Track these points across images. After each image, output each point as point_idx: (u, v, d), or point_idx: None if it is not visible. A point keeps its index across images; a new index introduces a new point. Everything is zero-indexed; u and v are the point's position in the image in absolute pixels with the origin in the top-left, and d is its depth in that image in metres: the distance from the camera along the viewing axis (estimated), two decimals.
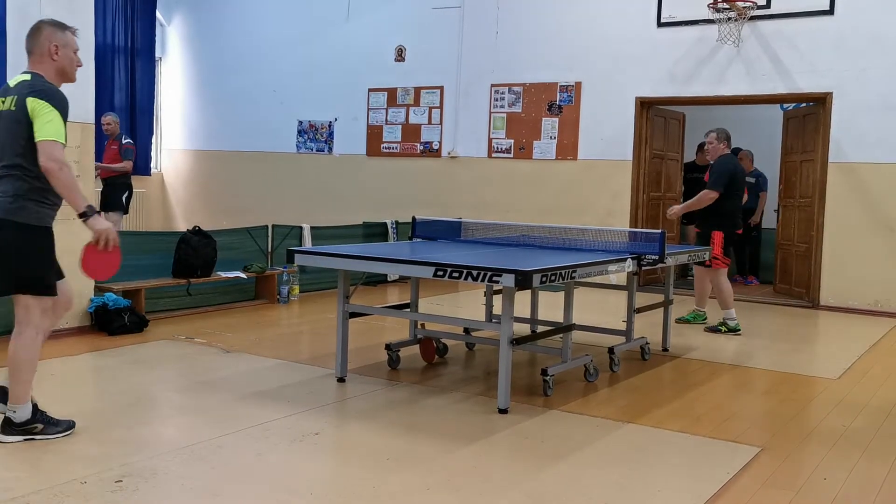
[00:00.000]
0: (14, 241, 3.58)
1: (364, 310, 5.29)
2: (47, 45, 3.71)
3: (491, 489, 3.38)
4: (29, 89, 3.59)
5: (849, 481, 3.65)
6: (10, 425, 3.71)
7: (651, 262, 5.31)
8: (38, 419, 3.75)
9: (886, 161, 8.39)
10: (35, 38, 3.73)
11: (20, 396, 3.69)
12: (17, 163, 3.58)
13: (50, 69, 3.73)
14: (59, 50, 3.73)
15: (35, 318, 3.65)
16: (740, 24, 8.78)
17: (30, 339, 3.66)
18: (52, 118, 3.53)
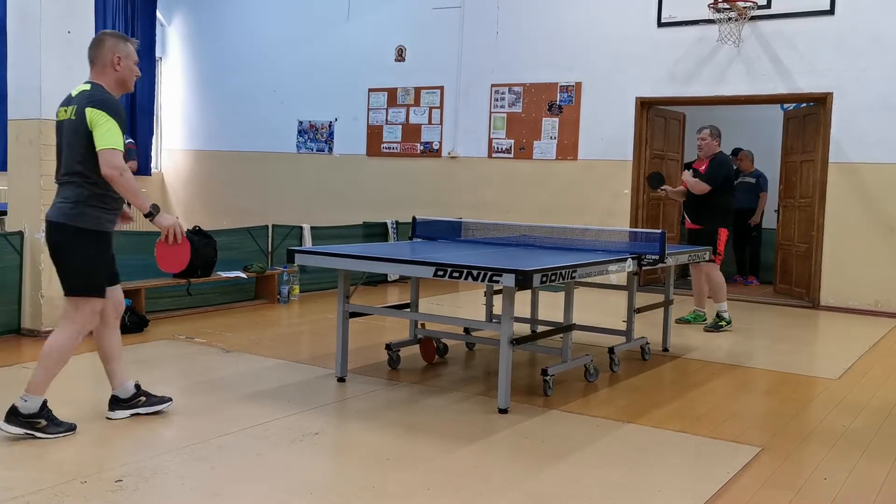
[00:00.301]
0: (72, 245, 3.76)
1: (364, 310, 5.29)
2: (110, 56, 3.85)
3: (491, 489, 3.38)
4: (88, 100, 3.75)
5: (849, 481, 3.65)
6: (15, 415, 3.74)
7: (651, 262, 5.30)
8: (43, 415, 3.78)
9: (886, 161, 8.39)
10: (98, 49, 3.87)
11: (38, 388, 3.77)
12: (77, 170, 3.74)
13: (111, 79, 3.88)
14: (122, 61, 3.88)
15: (81, 318, 3.79)
16: (740, 24, 8.78)
17: (68, 337, 3.78)
18: (110, 127, 3.69)
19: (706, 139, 7.25)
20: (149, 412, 4.13)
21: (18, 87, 6.05)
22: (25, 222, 6.03)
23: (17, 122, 6.08)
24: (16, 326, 6.05)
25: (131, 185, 3.70)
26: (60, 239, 3.78)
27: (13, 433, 3.72)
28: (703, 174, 7.22)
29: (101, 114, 3.69)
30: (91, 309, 3.81)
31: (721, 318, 7.15)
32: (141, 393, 4.16)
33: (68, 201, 3.75)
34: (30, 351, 5.63)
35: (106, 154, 3.65)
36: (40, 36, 5.90)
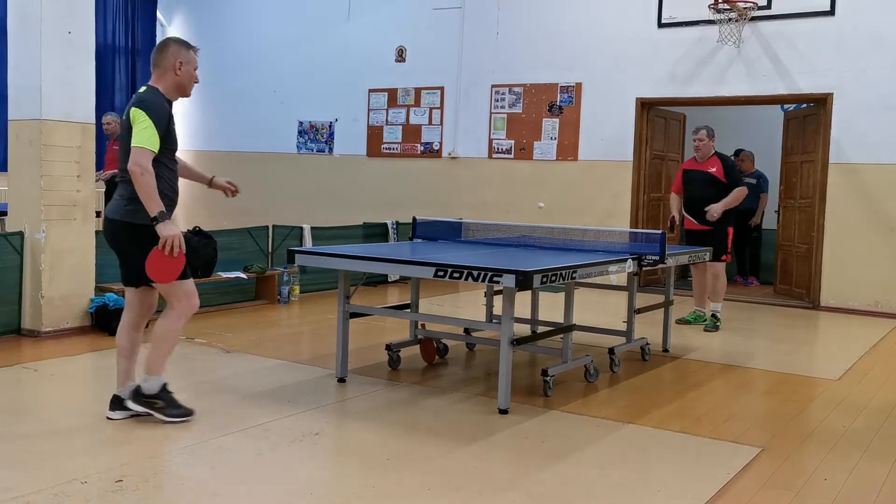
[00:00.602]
0: (131, 240, 3.91)
1: (364, 310, 5.29)
2: (173, 60, 4.01)
3: (491, 489, 3.38)
4: (135, 100, 3.92)
5: (849, 482, 3.65)
6: (137, 394, 3.97)
7: (651, 263, 5.31)
8: (162, 396, 3.97)
9: (887, 162, 8.40)
10: (162, 53, 4.04)
11: (155, 367, 3.98)
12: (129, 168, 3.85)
13: (170, 83, 4.03)
14: (183, 66, 4.03)
15: (177, 301, 3.99)
16: (741, 24, 8.78)
17: (172, 320, 4.01)
18: (146, 126, 3.80)
19: (703, 139, 7.23)
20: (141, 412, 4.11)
21: (19, 88, 6.06)
22: (26, 222, 6.03)
23: (17, 123, 6.08)
24: (16, 327, 6.05)
25: (146, 187, 3.77)
26: (117, 234, 3.96)
27: (136, 411, 3.96)
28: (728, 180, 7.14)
29: (141, 113, 3.82)
30: (184, 292, 4.00)
31: (717, 318, 7.19)
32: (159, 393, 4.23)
33: (123, 198, 3.92)
34: (30, 351, 5.64)
35: (135, 151, 3.77)
36: (41, 36, 5.90)
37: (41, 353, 5.55)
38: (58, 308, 6.07)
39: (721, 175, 7.19)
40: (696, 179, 7.31)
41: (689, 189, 7.37)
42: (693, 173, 7.35)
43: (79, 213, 6.18)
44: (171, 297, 4.01)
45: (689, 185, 7.37)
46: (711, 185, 7.21)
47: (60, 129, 6.03)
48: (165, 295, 4.02)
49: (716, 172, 7.19)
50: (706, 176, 7.22)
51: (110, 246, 4.08)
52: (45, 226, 5.97)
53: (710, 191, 7.20)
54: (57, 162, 6.02)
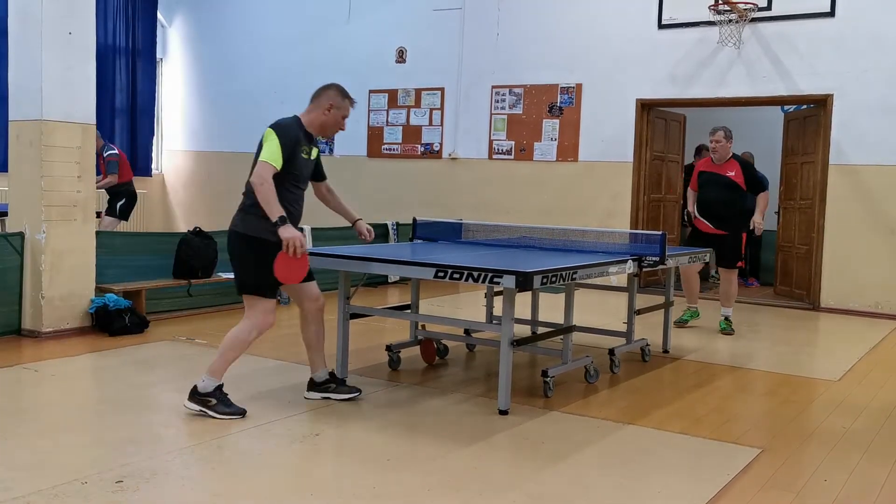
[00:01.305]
0: (237, 249, 4.22)
1: (365, 311, 5.29)
2: (326, 101, 4.31)
3: (491, 490, 3.38)
4: (272, 123, 4.22)
5: (849, 483, 3.65)
6: (194, 392, 4.15)
7: (652, 264, 5.31)
8: (215, 395, 4.14)
9: (887, 163, 8.40)
10: (321, 92, 4.36)
11: (215, 370, 4.17)
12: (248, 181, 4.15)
13: (316, 120, 4.34)
14: (332, 109, 4.32)
15: (253, 315, 4.19)
16: (741, 25, 8.79)
17: (244, 331, 4.19)
18: (274, 145, 4.08)
19: (721, 141, 7.00)
20: (339, 398, 4.53)
21: (19, 88, 6.06)
22: (26, 223, 6.03)
23: (17, 123, 6.09)
24: (16, 327, 6.06)
25: (266, 195, 4.01)
26: (230, 241, 4.27)
27: (191, 409, 4.13)
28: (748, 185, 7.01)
29: (273, 133, 4.11)
30: (262, 308, 4.19)
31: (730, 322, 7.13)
32: (332, 380, 4.59)
33: (239, 209, 4.24)
34: (30, 351, 5.64)
35: (259, 165, 4.05)
36: (41, 36, 5.91)
37: (41, 354, 5.55)
38: (58, 308, 6.07)
39: (741, 180, 7.00)
40: (713, 182, 7.09)
41: (704, 191, 7.14)
42: (710, 175, 7.14)
43: (79, 213, 6.18)
44: (251, 309, 4.19)
45: (706, 187, 7.15)
46: (730, 189, 7.02)
47: (61, 130, 6.03)
48: (246, 306, 4.21)
49: (735, 177, 6.99)
50: (725, 180, 7.01)
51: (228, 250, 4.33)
52: (46, 226, 5.98)
53: (727, 195, 7.02)
54: (57, 162, 6.02)
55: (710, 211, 7.14)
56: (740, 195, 7.06)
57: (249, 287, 4.19)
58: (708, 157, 7.33)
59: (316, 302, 4.53)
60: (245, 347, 4.24)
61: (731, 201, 7.04)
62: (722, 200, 7.06)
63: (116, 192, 9.54)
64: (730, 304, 7.18)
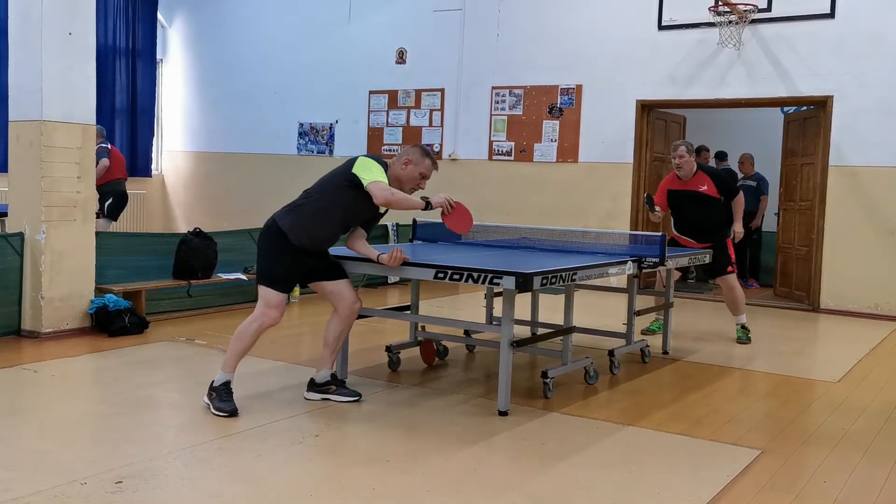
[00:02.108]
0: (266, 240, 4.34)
1: (364, 311, 5.27)
2: (405, 157, 4.45)
3: (491, 491, 3.38)
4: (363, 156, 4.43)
5: (849, 484, 3.65)
6: (211, 388, 4.26)
7: (651, 265, 5.31)
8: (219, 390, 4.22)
9: (886, 164, 8.40)
10: (404, 149, 4.54)
11: (226, 364, 4.28)
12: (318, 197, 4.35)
13: (394, 171, 4.42)
14: (409, 165, 4.44)
15: (259, 306, 4.27)
16: (741, 27, 8.79)
17: (247, 321, 4.29)
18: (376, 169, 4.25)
19: (685, 156, 6.65)
20: (339, 400, 4.54)
21: (19, 89, 6.06)
22: (26, 223, 6.03)
23: (17, 124, 6.09)
24: (16, 328, 6.05)
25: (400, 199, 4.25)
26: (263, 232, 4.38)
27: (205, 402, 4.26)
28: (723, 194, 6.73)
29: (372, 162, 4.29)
30: (267, 300, 4.26)
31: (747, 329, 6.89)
32: (333, 382, 4.61)
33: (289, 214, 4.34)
34: (30, 352, 5.64)
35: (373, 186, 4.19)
36: (41, 37, 5.91)
37: (41, 354, 5.55)
38: (58, 309, 6.07)
39: (714, 192, 6.72)
40: (686, 199, 6.77)
41: (680, 211, 6.85)
42: (680, 194, 6.79)
43: (79, 214, 6.18)
44: (259, 301, 4.30)
45: (680, 207, 6.85)
46: (705, 203, 6.73)
47: (61, 130, 6.03)
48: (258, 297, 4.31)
49: (707, 190, 6.71)
50: (697, 195, 6.71)
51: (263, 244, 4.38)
52: (46, 227, 5.98)
53: (704, 211, 6.73)
54: (57, 163, 6.02)
55: (691, 227, 6.82)
56: (717, 206, 6.77)
57: (262, 277, 4.31)
58: (672, 174, 6.90)
59: (352, 304, 4.55)
60: (248, 339, 4.28)
61: (709, 215, 6.74)
62: (700, 216, 6.75)
63: (103, 191, 9.50)
64: (739, 310, 6.88)
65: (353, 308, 4.56)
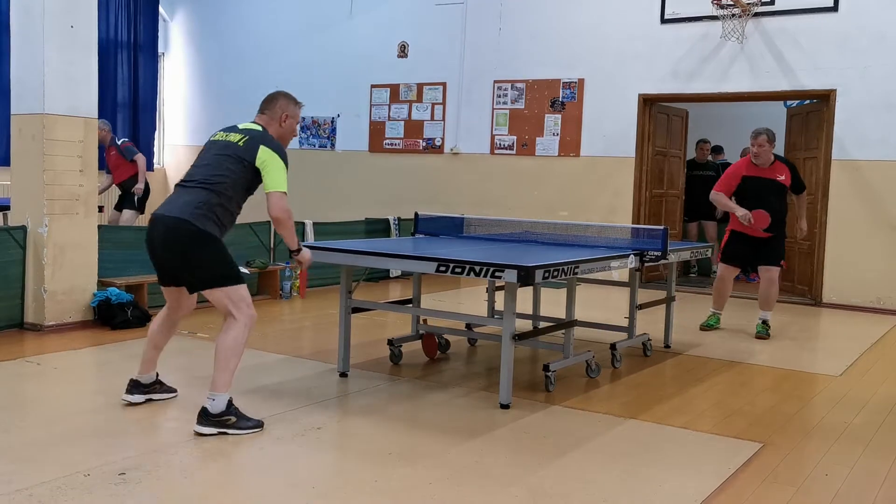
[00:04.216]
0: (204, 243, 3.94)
1: (366, 305, 5.29)
2: (280, 112, 4.18)
3: (492, 484, 3.39)
4: (261, 139, 4.02)
5: (850, 477, 3.65)
6: (205, 416, 3.84)
7: (653, 259, 5.31)
8: (231, 412, 3.88)
9: (889, 159, 8.39)
10: (271, 104, 4.21)
11: (223, 385, 3.87)
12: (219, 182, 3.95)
13: (274, 131, 4.16)
14: (288, 119, 4.20)
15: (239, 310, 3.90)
16: (744, 20, 8.77)
17: (237, 331, 3.90)
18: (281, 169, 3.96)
19: (764, 145, 6.64)
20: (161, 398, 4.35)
21: (21, 82, 6.06)
22: (28, 217, 6.04)
23: (19, 117, 6.09)
24: (18, 321, 6.06)
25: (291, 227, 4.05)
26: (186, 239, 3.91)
27: (206, 433, 3.80)
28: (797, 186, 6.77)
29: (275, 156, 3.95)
30: (244, 299, 3.94)
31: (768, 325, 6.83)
32: (158, 382, 4.39)
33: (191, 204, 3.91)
34: (32, 345, 5.65)
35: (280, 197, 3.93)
36: (43, 30, 5.91)
37: (44, 347, 5.56)
38: (60, 302, 6.08)
39: (789, 182, 6.72)
40: (762, 187, 6.70)
41: (753, 198, 6.71)
42: (757, 181, 6.72)
43: (81, 207, 6.19)
44: (234, 306, 3.89)
45: (754, 194, 6.73)
46: (781, 193, 6.73)
47: (63, 124, 6.03)
48: (228, 305, 3.90)
49: (784, 181, 6.70)
50: (775, 185, 6.69)
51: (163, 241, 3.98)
52: (48, 220, 5.98)
53: (779, 200, 6.73)
54: (59, 156, 6.03)
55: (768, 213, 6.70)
56: (786, 199, 6.81)
57: (226, 277, 3.92)
58: (746, 160, 6.90)
59: (187, 312, 4.37)
60: (243, 349, 3.95)
61: (782, 206, 6.77)
62: (774, 206, 6.71)
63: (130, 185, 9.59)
64: (770, 306, 6.82)
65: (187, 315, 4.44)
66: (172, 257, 4.00)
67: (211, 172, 3.96)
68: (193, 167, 4.06)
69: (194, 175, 4.01)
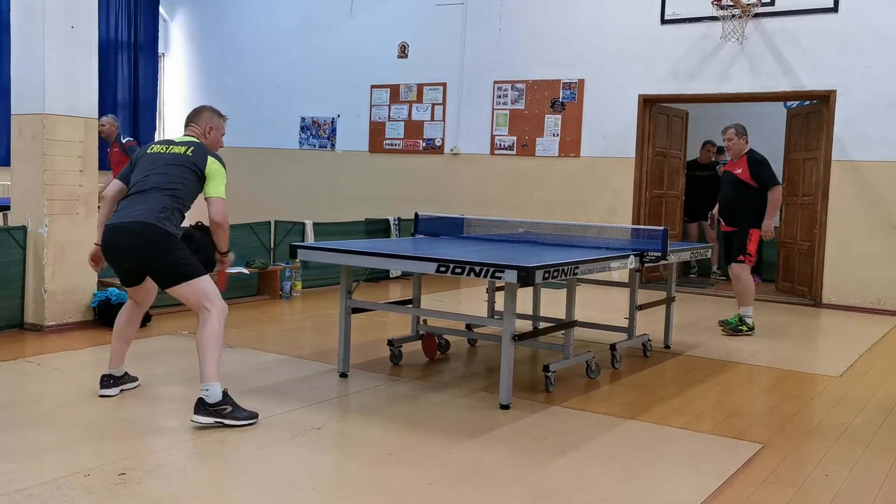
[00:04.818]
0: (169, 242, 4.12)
1: (366, 305, 5.29)
2: (205, 125, 4.42)
3: (492, 484, 3.39)
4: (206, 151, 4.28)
5: (850, 478, 3.65)
6: (203, 405, 3.94)
7: (653, 259, 5.31)
8: (227, 402, 3.99)
9: (889, 159, 8.39)
10: (197, 117, 4.46)
11: (211, 374, 3.99)
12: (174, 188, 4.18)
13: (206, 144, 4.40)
14: (213, 131, 4.43)
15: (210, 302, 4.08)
16: (744, 21, 8.77)
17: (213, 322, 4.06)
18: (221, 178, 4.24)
19: (732, 139, 6.89)
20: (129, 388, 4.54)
21: (22, 82, 6.06)
22: (28, 217, 6.04)
23: (20, 117, 6.09)
24: (19, 321, 6.06)
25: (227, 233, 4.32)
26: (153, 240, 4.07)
27: (204, 423, 3.90)
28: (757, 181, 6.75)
29: (220, 167, 4.22)
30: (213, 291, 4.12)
31: (743, 322, 6.84)
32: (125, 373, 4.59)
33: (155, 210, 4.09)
34: (32, 345, 5.65)
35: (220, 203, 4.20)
36: (44, 30, 5.91)
37: (44, 347, 5.56)
38: (60, 302, 6.08)
39: (747, 177, 6.80)
40: (725, 180, 7.07)
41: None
42: (724, 174, 7.15)
43: (81, 207, 6.19)
44: (205, 299, 4.08)
45: (722, 186, 7.11)
46: (735, 186, 6.87)
47: (63, 124, 6.03)
48: (198, 299, 4.07)
49: (741, 174, 6.83)
50: (731, 177, 6.92)
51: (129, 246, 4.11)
52: (48, 220, 5.98)
53: (733, 193, 6.88)
54: (59, 156, 6.03)
55: (721, 209, 7.10)
56: (748, 192, 6.82)
57: (200, 270, 4.14)
58: None
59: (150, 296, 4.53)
60: (222, 338, 4.11)
61: (735, 199, 6.88)
62: (728, 198, 6.96)
63: None
64: (743, 302, 6.88)
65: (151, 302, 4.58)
66: (140, 261, 4.17)
67: (167, 179, 4.16)
68: (143, 177, 4.21)
69: (147, 183, 4.17)
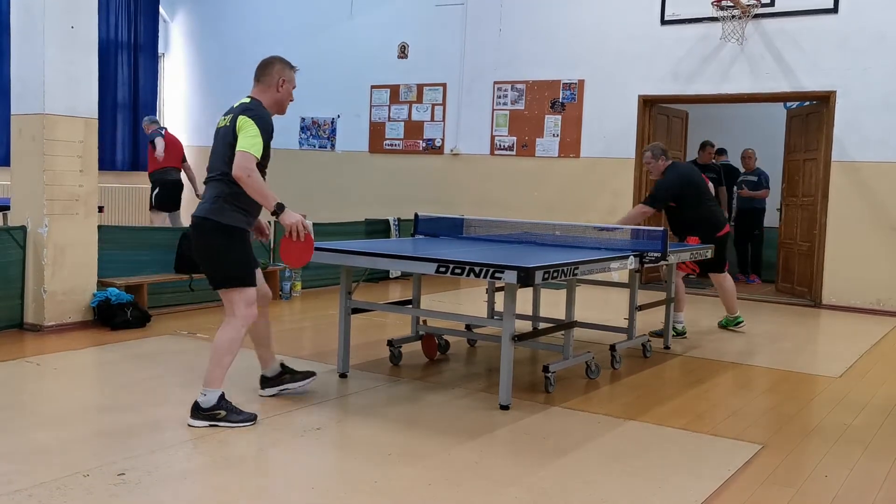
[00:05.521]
0: (217, 240, 3.97)
1: (366, 306, 5.29)
2: (277, 77, 4.17)
3: (492, 485, 3.39)
4: (242, 109, 4.07)
5: (850, 479, 3.65)
6: (197, 410, 3.94)
7: (653, 260, 5.31)
8: (222, 406, 3.95)
9: (889, 160, 8.39)
10: (266, 70, 4.21)
11: (215, 380, 3.95)
12: (224, 171, 3.96)
13: (270, 99, 4.18)
14: (285, 84, 4.19)
15: (239, 310, 3.96)
16: (744, 21, 8.78)
17: (233, 329, 3.96)
18: (254, 134, 3.92)
19: (650, 162, 6.83)
20: (297, 386, 4.49)
21: (22, 82, 6.06)
22: (28, 217, 6.04)
23: (20, 117, 6.09)
24: (18, 321, 6.06)
25: (257, 185, 3.86)
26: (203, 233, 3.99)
27: (198, 426, 3.90)
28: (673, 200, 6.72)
29: (250, 122, 3.94)
30: (245, 300, 3.96)
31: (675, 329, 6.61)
32: (285, 371, 4.51)
33: (209, 199, 4.00)
34: (32, 345, 5.65)
35: (241, 155, 3.84)
36: (44, 30, 5.91)
37: (44, 348, 5.56)
38: (60, 302, 6.08)
39: None
40: None
41: None
42: None
43: (81, 207, 6.19)
44: (233, 305, 3.96)
45: None
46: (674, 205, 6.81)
47: (63, 124, 6.03)
48: (227, 303, 3.99)
49: None
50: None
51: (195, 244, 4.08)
52: (48, 220, 5.98)
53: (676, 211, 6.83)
54: (59, 157, 6.03)
55: None
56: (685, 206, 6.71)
57: (234, 279, 3.96)
58: None
59: (266, 296, 4.32)
60: (239, 347, 4.01)
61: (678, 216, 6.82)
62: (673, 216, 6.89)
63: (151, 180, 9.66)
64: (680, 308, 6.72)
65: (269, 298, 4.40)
66: (199, 257, 4.08)
67: (217, 162, 4.02)
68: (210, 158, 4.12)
69: (208, 167, 4.09)
